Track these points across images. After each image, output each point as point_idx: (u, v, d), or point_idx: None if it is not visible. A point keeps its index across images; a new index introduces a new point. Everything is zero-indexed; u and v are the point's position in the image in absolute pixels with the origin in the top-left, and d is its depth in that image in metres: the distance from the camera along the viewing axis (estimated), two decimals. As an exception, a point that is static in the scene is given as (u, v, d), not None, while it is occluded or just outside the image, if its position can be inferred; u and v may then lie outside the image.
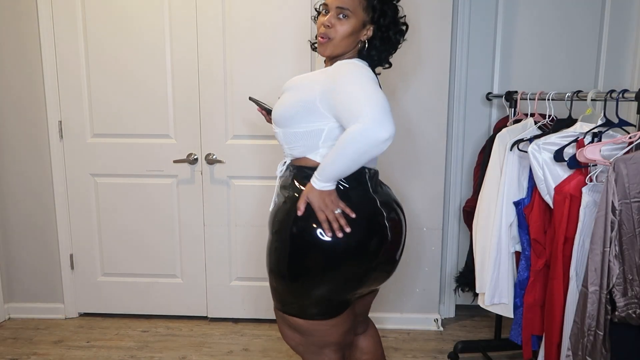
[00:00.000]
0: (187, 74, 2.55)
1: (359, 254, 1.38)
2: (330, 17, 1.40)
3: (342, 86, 1.32)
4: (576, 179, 1.71)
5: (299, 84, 1.44)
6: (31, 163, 2.68)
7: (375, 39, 1.45)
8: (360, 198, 1.41)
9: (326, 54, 1.45)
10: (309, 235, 1.36)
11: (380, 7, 1.42)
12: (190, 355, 2.43)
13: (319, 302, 1.40)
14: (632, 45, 2.63)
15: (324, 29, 1.42)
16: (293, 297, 1.42)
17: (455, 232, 2.81)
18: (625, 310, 1.44)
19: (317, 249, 1.36)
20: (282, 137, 1.46)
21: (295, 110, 1.40)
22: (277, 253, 1.42)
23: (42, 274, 2.78)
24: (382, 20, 1.42)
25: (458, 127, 2.69)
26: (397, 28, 1.47)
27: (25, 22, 2.54)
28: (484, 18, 2.66)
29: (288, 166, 1.50)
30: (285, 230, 1.40)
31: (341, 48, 1.43)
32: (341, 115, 1.32)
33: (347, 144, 1.26)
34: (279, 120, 1.45)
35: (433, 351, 2.48)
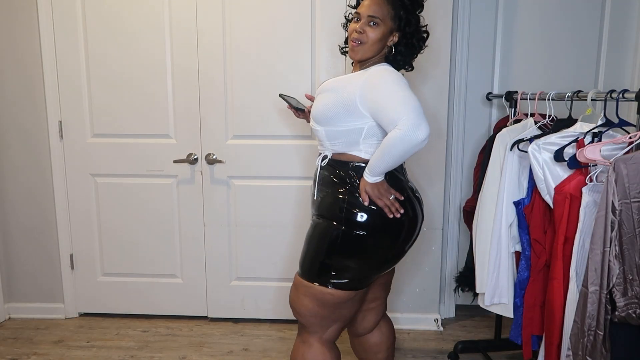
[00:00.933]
0: (187, 73, 2.55)
1: (397, 232, 1.61)
2: (362, 24, 1.58)
3: (381, 90, 1.51)
4: (576, 179, 1.71)
5: (338, 86, 1.60)
6: (31, 163, 2.68)
7: (400, 45, 1.63)
8: (398, 185, 1.62)
9: (357, 57, 1.62)
10: (357, 224, 1.57)
11: (405, 16, 1.59)
12: (190, 355, 2.43)
13: (358, 276, 1.60)
14: (632, 45, 2.63)
15: (357, 34, 1.59)
16: (340, 271, 1.59)
17: (455, 232, 2.81)
18: (626, 310, 1.44)
19: (363, 236, 1.57)
20: (324, 134, 1.62)
21: (336, 110, 1.56)
22: (328, 234, 1.60)
23: (42, 274, 2.78)
24: (407, 28, 1.60)
25: (458, 127, 2.69)
26: (420, 35, 1.66)
27: (25, 22, 2.54)
28: (484, 18, 2.66)
29: (330, 161, 1.65)
30: (339, 216, 1.59)
31: (371, 52, 1.60)
32: (380, 117, 1.50)
33: (390, 148, 1.46)
34: (321, 119, 1.61)
35: (433, 351, 2.48)
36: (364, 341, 1.89)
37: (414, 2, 1.62)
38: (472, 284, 2.23)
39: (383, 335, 1.88)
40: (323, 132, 1.61)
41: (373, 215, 1.57)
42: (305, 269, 1.64)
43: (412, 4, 1.61)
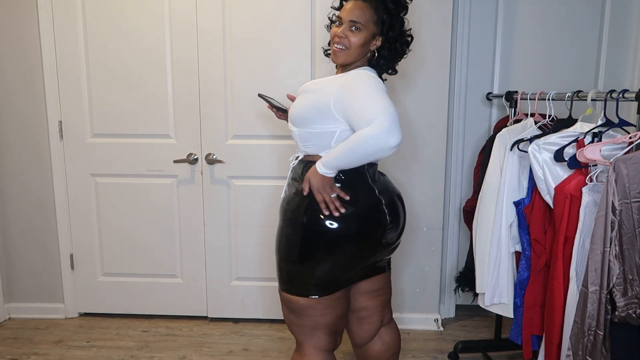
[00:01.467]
0: (187, 73, 2.55)
1: (360, 238, 1.55)
2: (344, 29, 1.55)
3: (356, 93, 1.47)
4: (576, 179, 1.71)
5: (315, 88, 1.57)
6: (31, 163, 2.68)
7: (383, 49, 1.60)
8: (360, 187, 1.56)
9: (339, 62, 1.59)
10: (316, 223, 1.52)
11: (388, 20, 1.56)
12: (190, 355, 2.43)
13: (320, 282, 1.54)
14: (632, 45, 2.63)
15: (339, 39, 1.56)
16: (298, 277, 1.56)
17: (455, 232, 2.81)
18: (626, 310, 1.44)
19: (324, 235, 1.51)
20: (298, 135, 1.60)
21: (310, 112, 1.54)
22: (287, 238, 1.57)
23: (42, 274, 2.78)
24: (390, 33, 1.57)
25: (458, 127, 2.69)
26: (403, 39, 1.63)
27: (25, 22, 2.54)
28: (484, 18, 2.66)
29: (300, 161, 1.63)
30: (297, 219, 1.55)
31: (353, 57, 1.57)
32: (353, 119, 1.46)
33: (357, 144, 1.42)
34: (296, 120, 1.59)
35: (433, 351, 2.48)
36: (364, 350, 1.82)
37: (398, 5, 1.59)
38: (472, 284, 2.23)
39: (385, 345, 1.80)
40: (297, 133, 1.60)
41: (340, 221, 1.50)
42: (282, 280, 1.62)
43: (395, 7, 1.58)
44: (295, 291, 1.56)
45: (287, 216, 1.59)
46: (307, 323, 1.59)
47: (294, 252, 1.55)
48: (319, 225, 1.51)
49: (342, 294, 1.60)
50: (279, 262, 1.61)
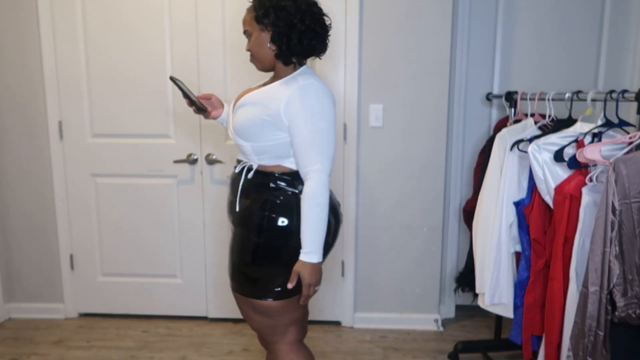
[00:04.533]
0: (187, 74, 2.55)
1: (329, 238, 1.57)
2: (247, 42, 1.58)
3: (301, 125, 1.46)
4: (576, 179, 1.71)
5: (262, 98, 1.53)
6: (31, 163, 2.68)
7: (274, 37, 1.51)
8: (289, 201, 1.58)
9: (259, 69, 1.61)
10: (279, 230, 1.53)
11: (261, 10, 1.49)
12: (190, 355, 2.43)
13: (283, 281, 1.52)
14: (632, 45, 2.63)
15: (248, 51, 1.59)
16: (267, 281, 1.56)
17: (455, 232, 2.80)
18: (626, 310, 1.44)
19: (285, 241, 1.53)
20: (251, 149, 1.55)
21: (261, 124, 1.50)
22: (250, 244, 1.58)
23: (42, 274, 2.78)
24: (267, 19, 1.49)
25: (458, 128, 2.69)
26: (282, 9, 1.48)
27: (25, 23, 2.54)
28: (484, 18, 2.66)
29: (257, 172, 1.57)
30: (260, 227, 1.55)
31: (264, 60, 1.56)
32: (295, 149, 1.50)
33: (313, 206, 1.45)
34: (246, 134, 1.54)
35: (433, 351, 2.48)
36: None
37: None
38: (472, 284, 2.23)
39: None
40: (249, 147, 1.54)
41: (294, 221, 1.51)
42: (239, 283, 1.64)
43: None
44: (272, 295, 1.55)
45: (248, 225, 1.57)
46: (283, 321, 1.60)
47: (276, 257, 1.54)
48: (281, 232, 1.53)
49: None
50: (250, 270, 1.59)
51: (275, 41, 1.50)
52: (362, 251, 2.67)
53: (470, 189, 2.67)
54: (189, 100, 1.66)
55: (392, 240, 2.66)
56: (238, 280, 1.65)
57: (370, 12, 2.47)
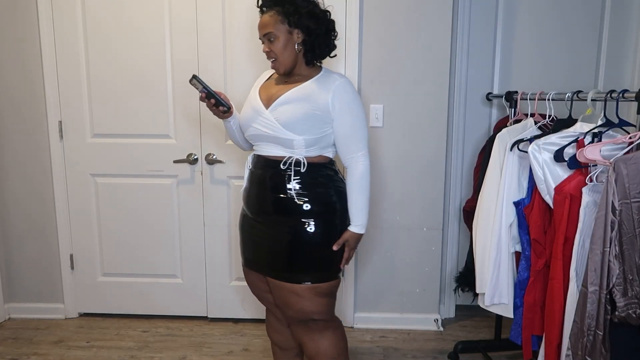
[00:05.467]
0: (187, 73, 2.53)
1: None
2: (266, 45, 1.68)
3: (348, 114, 1.65)
4: (576, 179, 1.71)
5: (306, 95, 1.65)
6: (31, 163, 2.68)
7: (308, 37, 1.66)
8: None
9: (281, 72, 1.70)
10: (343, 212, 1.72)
11: (291, 9, 1.62)
12: (190, 355, 2.43)
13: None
14: (632, 45, 2.63)
15: (267, 55, 1.69)
16: (336, 262, 1.71)
17: (455, 232, 2.80)
18: (626, 310, 1.44)
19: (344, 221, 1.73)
20: (302, 142, 1.65)
21: (313, 118, 1.64)
22: (327, 228, 1.69)
23: (42, 274, 2.78)
24: (299, 21, 1.63)
25: (458, 127, 2.69)
26: (315, 18, 1.65)
27: (25, 22, 2.54)
28: (484, 18, 2.66)
29: (310, 165, 1.67)
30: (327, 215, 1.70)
31: (288, 61, 1.68)
32: (341, 138, 1.68)
33: (365, 186, 1.69)
34: (299, 128, 1.64)
35: (433, 351, 2.48)
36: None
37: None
38: (472, 284, 2.23)
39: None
40: (302, 140, 1.64)
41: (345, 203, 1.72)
42: (308, 273, 1.69)
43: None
44: (333, 276, 1.73)
45: (325, 212, 1.69)
46: (334, 301, 1.78)
47: (330, 242, 1.68)
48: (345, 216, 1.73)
49: None
50: (325, 254, 1.69)
51: (306, 43, 1.66)
52: (362, 251, 2.67)
53: (470, 189, 2.67)
54: (215, 100, 1.69)
55: (392, 240, 2.66)
56: (309, 270, 1.70)
57: (370, 13, 2.47)
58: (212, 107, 1.75)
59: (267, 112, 1.66)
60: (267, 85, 1.78)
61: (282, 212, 1.68)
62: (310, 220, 1.67)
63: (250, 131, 1.73)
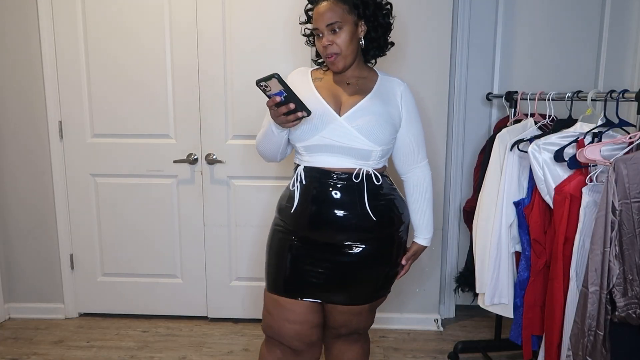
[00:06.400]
0: (187, 73, 2.55)
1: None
2: (327, 37, 1.47)
3: (417, 122, 1.59)
4: (576, 179, 1.71)
5: (380, 103, 1.52)
6: (31, 163, 2.68)
7: (370, 32, 1.53)
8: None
9: (340, 68, 1.52)
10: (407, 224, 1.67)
11: (362, 3, 1.48)
12: (190, 355, 2.43)
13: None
14: (632, 45, 2.63)
15: (327, 49, 1.48)
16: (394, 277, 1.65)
17: (455, 232, 2.80)
18: (626, 310, 1.44)
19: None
20: (380, 153, 1.52)
21: (392, 128, 1.53)
22: (399, 242, 1.60)
23: (42, 274, 2.78)
24: (368, 11, 1.49)
25: (458, 127, 2.69)
26: (383, 10, 1.55)
27: (25, 22, 2.54)
28: (484, 18, 2.66)
29: (383, 176, 1.56)
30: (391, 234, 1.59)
31: (350, 56, 1.51)
32: (409, 147, 1.59)
33: (431, 197, 1.67)
34: (381, 140, 1.50)
35: (433, 351, 2.48)
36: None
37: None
38: (472, 284, 2.23)
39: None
40: (380, 151, 1.50)
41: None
42: (380, 290, 1.62)
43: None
44: (389, 289, 1.66)
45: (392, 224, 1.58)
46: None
47: (399, 255, 1.63)
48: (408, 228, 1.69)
49: None
50: (391, 273, 1.61)
51: (369, 38, 1.52)
52: (362, 251, 2.67)
53: (470, 189, 2.67)
54: (296, 105, 1.34)
55: (392, 240, 2.66)
56: (382, 287, 1.62)
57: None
58: (284, 114, 1.38)
59: (341, 120, 1.46)
60: (324, 87, 1.54)
61: (359, 230, 1.50)
62: (386, 235, 1.55)
63: (314, 141, 1.48)
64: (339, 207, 1.48)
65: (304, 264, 1.53)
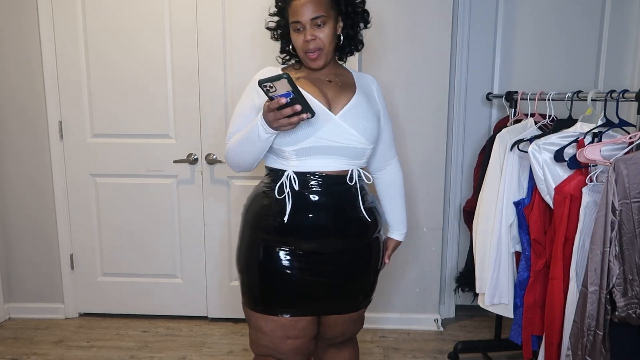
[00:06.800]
0: (187, 73, 2.55)
1: None
2: (311, 30, 1.38)
3: (388, 116, 1.58)
4: (576, 179, 1.71)
5: (367, 100, 1.48)
6: (31, 163, 2.68)
7: (346, 27, 1.48)
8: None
9: (322, 65, 1.44)
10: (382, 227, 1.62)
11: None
12: (190, 355, 2.43)
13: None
14: (632, 45, 2.63)
15: (311, 44, 1.39)
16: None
17: (455, 232, 2.80)
18: (626, 310, 1.44)
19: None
20: (370, 152, 1.48)
21: (379, 124, 1.50)
22: (378, 252, 1.58)
23: (42, 274, 2.78)
24: (348, 7, 1.45)
25: (458, 127, 2.69)
26: (360, 7, 1.49)
27: (26, 23, 2.54)
28: (484, 18, 2.66)
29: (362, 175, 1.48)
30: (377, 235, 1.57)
31: (331, 53, 1.46)
32: (385, 143, 1.58)
33: (403, 191, 1.66)
34: (374, 135, 1.46)
35: (433, 351, 2.48)
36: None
37: None
38: (472, 284, 2.23)
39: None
40: (370, 149, 1.47)
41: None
42: (369, 295, 1.61)
43: None
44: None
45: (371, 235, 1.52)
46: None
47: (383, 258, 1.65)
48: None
49: None
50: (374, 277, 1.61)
51: (347, 32, 1.47)
52: (362, 251, 2.67)
53: (470, 189, 2.67)
54: (303, 106, 1.25)
55: (392, 240, 2.66)
56: (373, 289, 1.62)
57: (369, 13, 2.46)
58: (287, 116, 1.26)
59: (337, 119, 1.38)
60: (308, 86, 1.43)
61: (355, 235, 1.46)
62: (374, 238, 1.53)
63: (308, 143, 1.37)
64: (337, 213, 1.41)
65: (304, 278, 1.43)
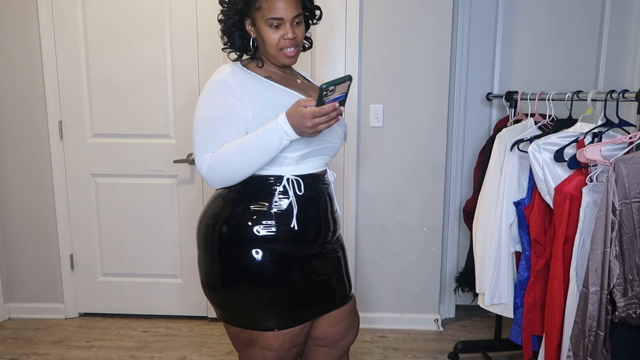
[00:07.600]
0: (188, 73, 2.55)
1: None
2: (290, 28, 1.34)
3: None
4: (576, 179, 1.71)
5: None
6: (31, 163, 2.67)
7: (308, 26, 1.48)
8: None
9: (294, 62, 1.42)
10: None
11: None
12: (190, 355, 2.43)
13: None
14: (632, 45, 2.63)
15: (291, 41, 1.35)
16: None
17: (455, 232, 2.80)
18: (626, 310, 1.44)
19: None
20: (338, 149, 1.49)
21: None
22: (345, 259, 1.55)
23: (42, 274, 2.78)
24: (311, 7, 1.45)
25: (458, 127, 2.69)
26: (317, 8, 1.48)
27: (26, 23, 2.54)
28: (484, 18, 2.66)
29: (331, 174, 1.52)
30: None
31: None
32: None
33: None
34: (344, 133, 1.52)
35: (433, 351, 2.48)
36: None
37: None
38: (472, 284, 2.23)
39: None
40: (339, 147, 1.49)
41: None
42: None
43: None
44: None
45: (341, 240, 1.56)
46: None
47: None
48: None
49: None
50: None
51: (307, 30, 1.46)
52: (362, 251, 2.67)
53: (470, 189, 2.67)
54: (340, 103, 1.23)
55: (392, 240, 2.66)
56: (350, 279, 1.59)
57: (370, 12, 2.46)
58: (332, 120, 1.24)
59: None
60: (293, 86, 1.42)
61: (336, 229, 1.49)
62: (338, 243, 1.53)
63: (313, 146, 1.36)
64: (330, 212, 1.44)
65: (309, 281, 1.41)
